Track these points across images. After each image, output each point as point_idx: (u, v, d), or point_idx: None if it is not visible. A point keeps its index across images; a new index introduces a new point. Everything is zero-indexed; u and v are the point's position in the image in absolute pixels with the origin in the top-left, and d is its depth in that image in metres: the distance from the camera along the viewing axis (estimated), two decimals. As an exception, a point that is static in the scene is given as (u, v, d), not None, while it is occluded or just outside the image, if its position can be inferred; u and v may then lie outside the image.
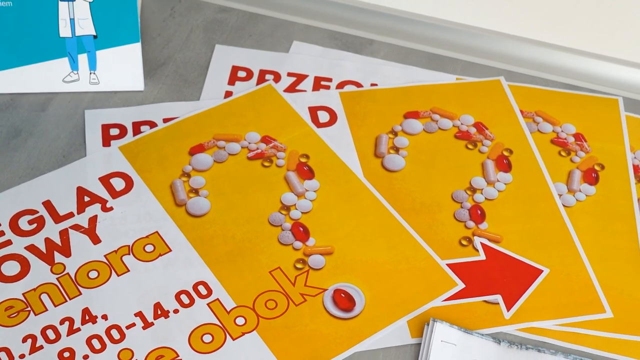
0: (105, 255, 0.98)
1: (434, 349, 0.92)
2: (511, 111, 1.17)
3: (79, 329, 0.92)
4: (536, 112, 1.18)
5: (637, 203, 1.08)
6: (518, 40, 1.27)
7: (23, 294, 0.94)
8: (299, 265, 0.99)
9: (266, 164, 1.08)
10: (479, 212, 1.05)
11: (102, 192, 1.04)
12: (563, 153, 1.13)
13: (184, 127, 1.11)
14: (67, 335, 0.92)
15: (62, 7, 1.07)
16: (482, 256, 1.01)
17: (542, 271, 1.01)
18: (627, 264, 1.02)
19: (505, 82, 1.21)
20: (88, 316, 0.93)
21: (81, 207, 1.02)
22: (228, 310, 0.95)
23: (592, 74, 1.25)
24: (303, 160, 1.09)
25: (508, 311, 0.97)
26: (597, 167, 1.12)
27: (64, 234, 1.00)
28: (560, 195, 1.08)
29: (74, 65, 1.12)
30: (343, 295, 0.97)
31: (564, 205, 1.07)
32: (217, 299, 0.96)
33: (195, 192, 1.05)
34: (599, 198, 1.09)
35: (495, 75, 1.23)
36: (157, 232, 1.01)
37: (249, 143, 1.10)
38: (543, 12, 1.25)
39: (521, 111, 1.17)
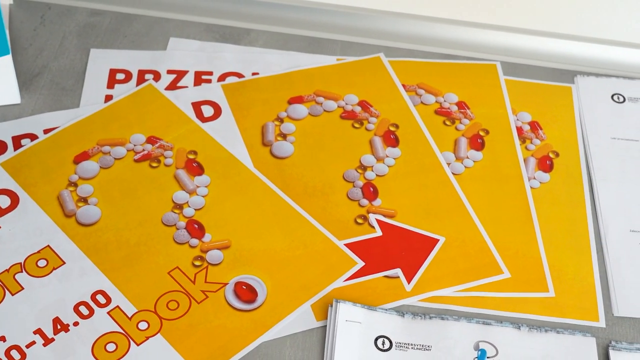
0: (-4, 276, 0.96)
1: (340, 329, 0.92)
2: (393, 86, 1.18)
3: (-24, 354, 0.90)
4: (418, 85, 1.19)
5: (524, 164, 1.11)
6: (394, 15, 1.28)
7: None
8: (197, 263, 0.98)
9: (154, 164, 1.07)
10: (372, 189, 1.06)
11: (-13, 212, 1.01)
12: (448, 122, 1.15)
13: (66, 136, 1.09)
14: (-35, 362, 0.89)
15: None
16: (378, 232, 1.02)
17: (438, 240, 1.02)
18: (519, 224, 1.05)
19: (385, 58, 1.22)
20: (-15, 339, 0.91)
21: (-34, 229, 0.99)
22: (129, 316, 0.93)
23: (469, 41, 1.27)
24: (191, 156, 1.08)
25: (409, 283, 0.98)
26: (481, 133, 1.14)
27: (-49, 259, 0.97)
28: (448, 164, 1.10)
29: (-56, 85, 1.09)
30: (244, 287, 0.96)
31: (453, 174, 1.09)
32: (117, 306, 0.94)
33: (84, 200, 1.03)
34: (486, 163, 1.11)
35: (374, 52, 1.23)
36: (48, 245, 0.98)
37: (135, 145, 1.08)
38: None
39: (403, 85, 1.18)
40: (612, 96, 1.21)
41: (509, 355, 0.92)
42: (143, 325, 0.93)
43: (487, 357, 0.92)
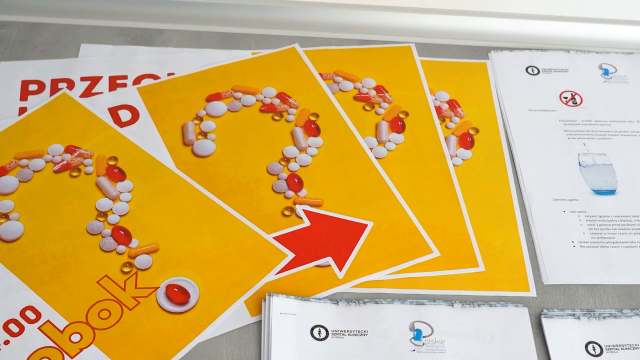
0: None
1: (275, 323, 0.92)
2: (311, 76, 1.18)
3: None
4: (335, 73, 1.19)
5: (445, 142, 1.11)
6: (307, 5, 1.28)
7: None
8: (126, 269, 0.97)
9: (74, 173, 1.05)
10: (296, 180, 1.06)
11: None
12: (367, 107, 1.15)
13: (-18, 152, 1.07)
14: None
15: None
16: (306, 223, 1.02)
17: (366, 225, 1.02)
18: (445, 202, 1.06)
19: (300, 48, 1.22)
20: None
21: None
22: (61, 329, 0.92)
23: (383, 26, 1.27)
24: (112, 163, 1.06)
25: (340, 271, 0.98)
26: (401, 115, 1.14)
27: None
28: (371, 149, 1.10)
29: None
30: (176, 290, 0.95)
31: (376, 158, 1.09)
32: (48, 321, 0.92)
33: (5, 216, 1.01)
34: (408, 144, 1.11)
35: (289, 43, 1.23)
36: (-29, 265, 0.96)
37: (53, 156, 1.07)
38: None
39: (320, 74, 1.18)
40: (527, 69, 1.22)
41: (444, 333, 0.93)
42: (76, 338, 0.91)
43: (423, 337, 0.93)
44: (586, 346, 0.93)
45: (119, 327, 0.92)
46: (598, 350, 0.93)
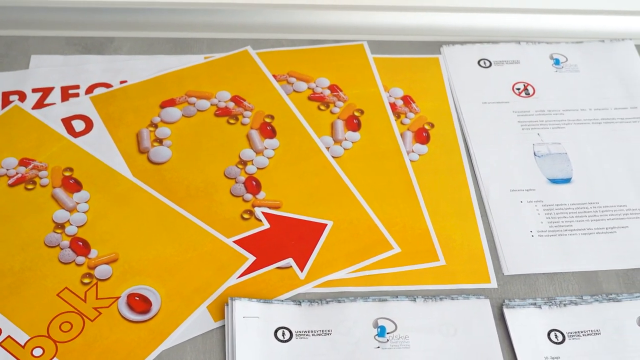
0: None
1: (238, 327, 0.92)
2: (264, 78, 1.18)
3: None
4: (289, 74, 1.19)
5: (401, 138, 1.12)
6: (258, 7, 1.27)
7: None
8: (86, 280, 0.96)
9: (29, 186, 1.04)
10: (254, 183, 1.06)
11: None
12: (322, 107, 1.15)
13: None
14: None
15: None
16: (266, 225, 1.02)
17: (326, 225, 1.02)
18: (403, 198, 1.06)
19: (252, 51, 1.22)
20: None
21: None
22: (22, 344, 0.91)
23: (335, 24, 1.28)
24: (67, 174, 1.06)
25: (302, 271, 0.98)
26: (356, 113, 1.15)
27: None
28: (328, 148, 1.10)
29: None
30: (137, 298, 0.95)
31: (333, 157, 1.09)
32: (9, 336, 0.91)
33: (-39, 233, 1.00)
34: (365, 142, 1.12)
35: (242, 46, 1.23)
36: None
37: (7, 170, 1.05)
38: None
39: (274, 75, 1.18)
40: (479, 62, 1.23)
41: (408, 328, 0.94)
42: (38, 352, 0.91)
43: (387, 333, 0.93)
44: (548, 334, 0.94)
45: (81, 339, 0.92)
46: (560, 338, 0.94)
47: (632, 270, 1.01)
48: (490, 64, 1.23)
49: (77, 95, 1.15)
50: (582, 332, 0.95)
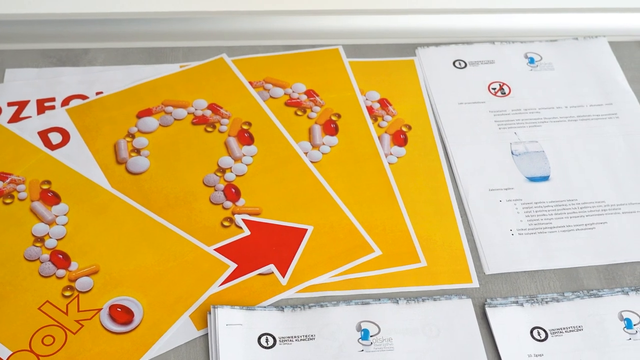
0: None
1: (221, 335, 0.91)
2: (241, 85, 1.18)
3: None
4: (265, 80, 1.19)
5: (379, 141, 1.12)
6: (233, 15, 1.27)
7: None
8: (67, 293, 0.96)
9: (7, 200, 1.04)
10: (233, 190, 1.06)
11: None
12: (299, 112, 1.15)
13: None
14: None
15: None
16: (246, 232, 1.02)
17: (306, 230, 1.02)
18: (383, 201, 1.06)
19: (228, 58, 1.22)
20: None
21: None
22: (5, 359, 0.90)
23: (310, 30, 1.28)
24: (45, 187, 1.05)
25: (284, 277, 0.98)
26: (334, 118, 1.15)
27: None
28: (306, 153, 1.10)
29: None
30: (119, 310, 0.94)
31: (312, 162, 1.09)
32: (-9, 352, 0.91)
33: (-61, 249, 0.99)
34: (343, 146, 1.12)
35: (217, 54, 1.23)
36: None
37: (-16, 184, 1.05)
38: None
39: (250, 82, 1.18)
40: (454, 63, 1.24)
41: (391, 330, 0.94)
42: (20, 366, 0.90)
43: (371, 336, 0.93)
44: (531, 332, 0.95)
45: (64, 352, 0.91)
46: (543, 335, 0.94)
47: (612, 265, 1.02)
48: (466, 65, 1.23)
49: (53, 107, 1.14)
50: (564, 328, 0.95)
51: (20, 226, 1.01)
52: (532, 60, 1.24)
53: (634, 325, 0.96)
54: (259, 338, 0.92)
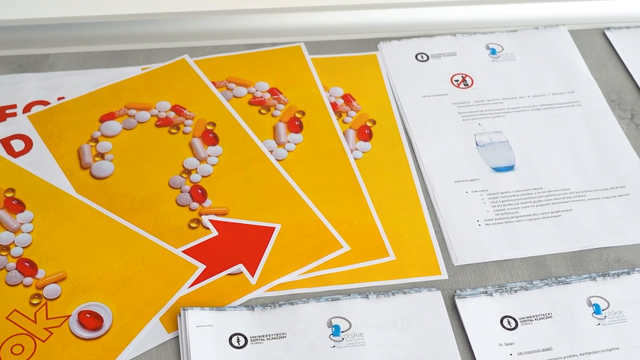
0: None
1: (192, 336, 0.91)
2: (203, 85, 1.17)
3: None
4: (228, 79, 1.19)
5: (344, 137, 1.12)
6: (193, 15, 1.27)
7: None
8: (34, 301, 0.95)
9: (-29, 210, 1.03)
10: (199, 191, 1.05)
11: None
12: (263, 111, 1.15)
13: None
14: None
15: None
16: (214, 232, 1.02)
17: (274, 228, 1.02)
18: (350, 197, 1.06)
19: (190, 59, 1.21)
20: None
21: None
22: (-26, 370, 0.90)
23: (271, 28, 1.28)
24: (9, 195, 1.04)
25: (253, 276, 0.98)
26: (298, 115, 1.15)
27: None
28: (271, 152, 1.10)
29: None
30: (88, 316, 0.94)
31: (277, 160, 1.09)
32: (-41, 363, 0.90)
33: None
34: (308, 143, 1.12)
35: (179, 55, 1.22)
36: None
37: (-53, 195, 1.04)
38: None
39: (213, 82, 1.18)
40: (416, 56, 1.24)
41: (362, 325, 0.94)
42: (-10, 377, 0.89)
43: (342, 332, 0.93)
44: (501, 321, 0.95)
45: (33, 360, 0.91)
46: (513, 324, 0.95)
47: (579, 252, 1.03)
48: (428, 58, 1.24)
49: (14, 114, 1.13)
50: (534, 316, 0.96)
51: (-15, 236, 1.01)
52: (493, 51, 1.25)
53: (603, 310, 0.96)
54: (230, 338, 0.92)
